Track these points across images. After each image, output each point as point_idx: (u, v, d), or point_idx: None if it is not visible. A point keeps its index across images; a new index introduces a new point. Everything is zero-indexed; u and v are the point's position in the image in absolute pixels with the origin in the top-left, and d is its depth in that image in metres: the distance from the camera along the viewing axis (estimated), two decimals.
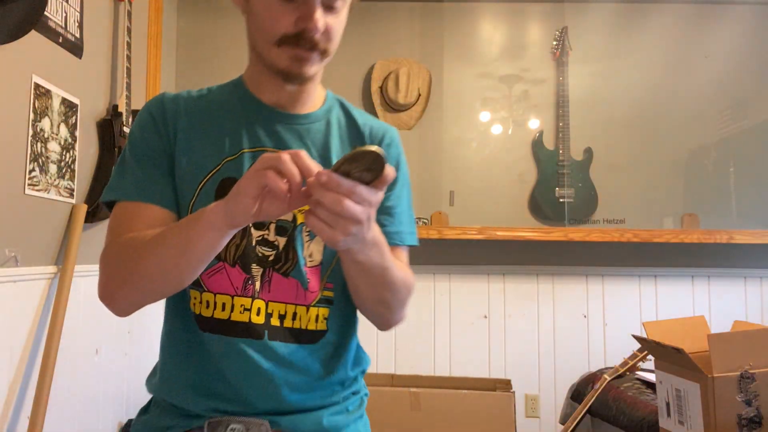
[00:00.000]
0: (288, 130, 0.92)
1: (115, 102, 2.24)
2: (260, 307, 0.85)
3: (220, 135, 0.90)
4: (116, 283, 0.82)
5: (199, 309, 0.86)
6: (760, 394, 1.39)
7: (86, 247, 2.06)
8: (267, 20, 0.85)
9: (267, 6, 0.85)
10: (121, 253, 0.81)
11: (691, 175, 2.84)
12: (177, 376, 0.87)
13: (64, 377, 1.90)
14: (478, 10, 2.91)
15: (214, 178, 0.87)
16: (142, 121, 0.90)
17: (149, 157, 0.88)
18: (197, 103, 0.93)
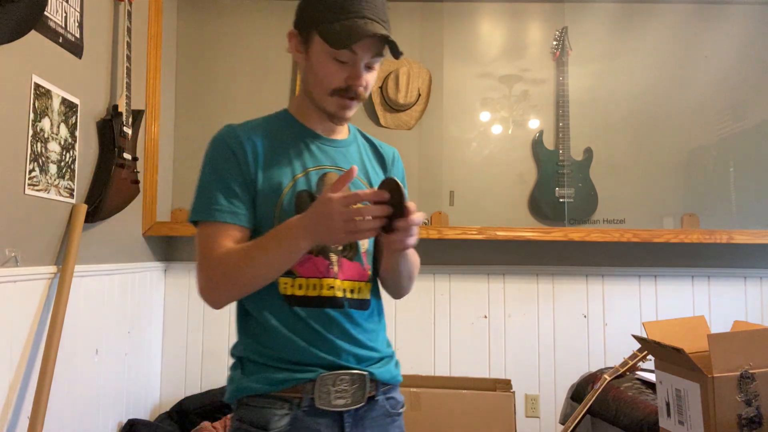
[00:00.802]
0: (335, 152, 1.18)
1: (115, 102, 2.23)
2: (339, 284, 1.11)
3: (287, 157, 1.13)
4: (222, 290, 1.06)
5: (291, 291, 1.09)
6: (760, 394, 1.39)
7: (86, 247, 2.06)
8: (324, 75, 1.10)
9: (324, 64, 1.09)
10: (222, 266, 1.05)
11: (691, 175, 2.84)
12: (283, 341, 1.07)
13: (64, 377, 1.90)
14: (478, 10, 2.91)
15: (291, 192, 1.10)
16: (221, 151, 1.12)
17: (230, 185, 1.09)
18: (260, 132, 1.15)
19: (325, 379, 1.06)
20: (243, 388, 1.08)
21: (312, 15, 1.09)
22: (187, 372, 2.73)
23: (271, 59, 2.89)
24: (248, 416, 1.06)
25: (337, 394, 1.07)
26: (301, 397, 1.05)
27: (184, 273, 2.77)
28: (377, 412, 1.13)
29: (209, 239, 1.07)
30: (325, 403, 1.06)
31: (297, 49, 1.14)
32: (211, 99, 2.88)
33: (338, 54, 1.07)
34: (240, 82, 2.88)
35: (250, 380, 1.08)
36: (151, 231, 2.58)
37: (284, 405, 1.05)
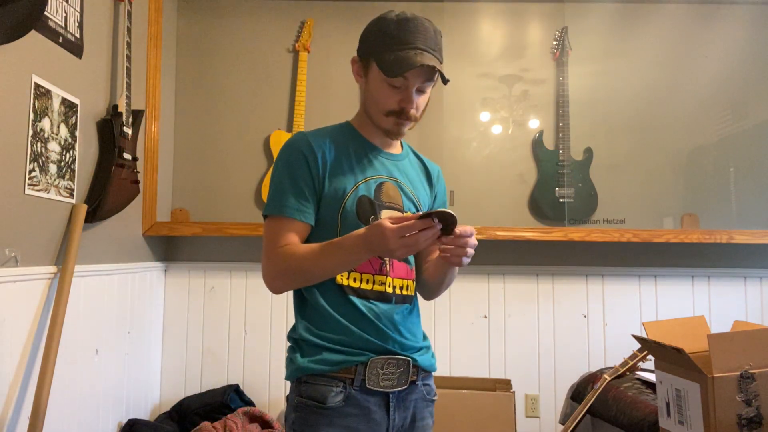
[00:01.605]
0: (390, 164, 1.34)
1: (115, 102, 2.24)
2: (390, 281, 1.26)
3: (351, 165, 1.28)
4: (284, 281, 1.22)
5: (347, 282, 1.23)
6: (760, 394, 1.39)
7: (86, 247, 2.06)
8: (380, 98, 1.26)
9: (380, 89, 1.25)
10: (287, 260, 1.20)
11: (691, 175, 2.84)
12: (340, 327, 1.21)
13: (64, 377, 1.90)
14: (478, 10, 2.91)
15: (353, 196, 1.25)
16: (295, 156, 1.25)
17: (300, 186, 1.23)
18: (328, 140, 1.29)
19: (375, 363, 1.20)
20: (303, 368, 1.21)
21: (371, 45, 1.26)
22: (187, 372, 2.73)
23: (271, 59, 2.89)
24: (308, 392, 1.20)
25: (385, 377, 1.21)
26: (353, 378, 1.20)
27: (184, 273, 2.77)
28: (417, 395, 1.27)
29: (277, 232, 1.22)
30: (374, 383, 1.20)
31: (358, 73, 1.31)
32: (211, 99, 2.88)
33: (392, 81, 1.22)
34: (240, 82, 2.88)
35: (310, 361, 1.20)
36: (151, 231, 2.58)
37: (339, 384, 1.19)
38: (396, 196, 1.31)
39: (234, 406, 2.51)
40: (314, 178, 1.24)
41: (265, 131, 2.85)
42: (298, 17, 2.89)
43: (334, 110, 2.87)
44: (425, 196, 1.40)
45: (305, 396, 1.20)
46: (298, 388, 1.22)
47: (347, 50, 2.94)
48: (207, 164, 2.85)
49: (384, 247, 1.09)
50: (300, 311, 1.28)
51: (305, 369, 1.21)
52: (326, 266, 1.18)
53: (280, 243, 1.21)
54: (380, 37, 1.24)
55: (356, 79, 1.32)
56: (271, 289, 1.23)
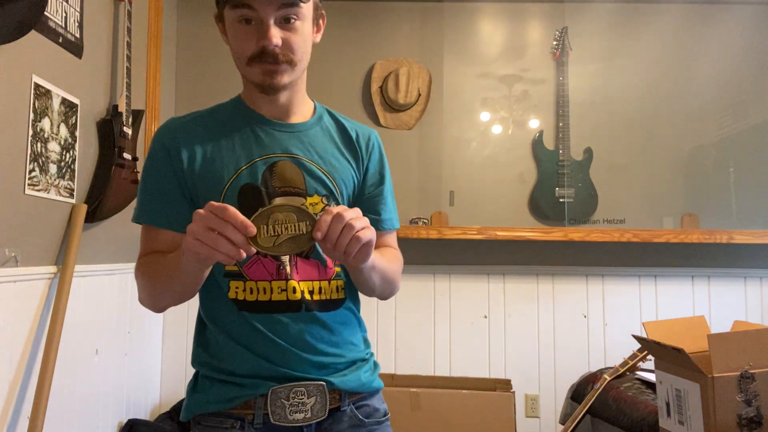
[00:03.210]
0: (287, 138, 1.08)
1: (115, 102, 2.24)
2: (294, 286, 1.00)
3: (232, 147, 1.04)
4: (144, 294, 1.01)
5: (243, 296, 1.00)
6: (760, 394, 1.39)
7: (86, 247, 2.06)
8: (236, 45, 1.02)
9: (234, 33, 1.01)
10: (145, 272, 1.00)
11: (691, 175, 2.84)
12: (231, 352, 1.00)
13: (64, 377, 1.90)
14: (478, 10, 2.91)
15: (233, 186, 1.01)
16: (154, 150, 1.04)
17: (161, 185, 1.02)
18: (206, 121, 1.08)
19: (278, 393, 0.97)
20: (195, 405, 1.01)
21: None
22: (187, 372, 2.73)
23: None
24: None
25: (294, 408, 0.97)
26: (253, 414, 0.97)
27: None
28: (344, 424, 1.03)
29: (142, 242, 1.04)
30: (281, 418, 0.97)
31: (222, 31, 1.06)
32: (211, 99, 2.86)
33: (242, 14, 0.97)
34: (240, 82, 2.87)
35: (203, 397, 1.00)
36: None
37: (236, 423, 0.97)
38: (295, 179, 1.03)
39: None
40: (178, 173, 1.01)
41: None
42: None
43: (334, 110, 2.87)
44: (347, 171, 1.10)
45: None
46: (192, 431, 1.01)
47: (347, 50, 2.96)
48: None
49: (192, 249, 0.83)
50: (196, 335, 1.06)
51: (197, 407, 1.00)
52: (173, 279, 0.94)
53: (144, 252, 1.03)
54: None
55: (225, 41, 1.07)
56: (145, 306, 1.02)
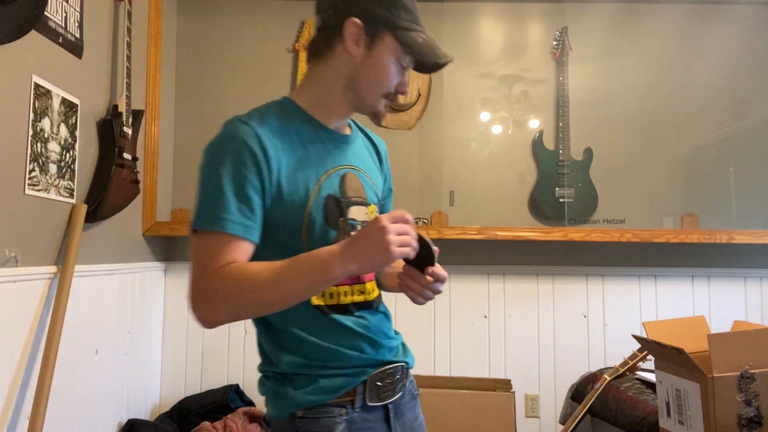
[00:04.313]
0: (347, 149, 1.13)
1: (115, 102, 2.24)
2: (368, 287, 1.12)
3: (310, 158, 1.06)
4: (227, 310, 0.96)
5: (324, 301, 1.06)
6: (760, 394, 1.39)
7: (86, 247, 2.06)
8: (385, 77, 1.08)
9: (388, 67, 1.07)
10: (236, 282, 0.94)
11: (691, 175, 2.84)
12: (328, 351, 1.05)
13: (64, 377, 1.90)
14: (478, 10, 2.91)
15: (318, 196, 1.04)
16: (238, 152, 0.99)
17: (247, 191, 0.98)
18: (280, 129, 1.05)
19: (375, 378, 1.08)
20: (298, 402, 1.04)
21: (384, 14, 1.05)
22: (187, 372, 2.73)
23: (271, 59, 2.89)
24: (308, 427, 1.03)
25: (385, 388, 1.09)
26: (353, 399, 1.06)
27: (184, 273, 2.77)
28: (407, 397, 1.16)
29: (214, 250, 0.96)
30: (375, 399, 1.07)
31: (356, 41, 1.05)
32: (211, 99, 2.88)
33: (403, 61, 1.08)
34: (240, 82, 2.88)
35: (305, 393, 1.04)
36: (151, 231, 2.58)
37: (341, 411, 1.05)
38: (360, 188, 1.11)
39: (234, 406, 2.51)
40: (265, 181, 1.00)
41: None
42: (298, 17, 2.89)
43: None
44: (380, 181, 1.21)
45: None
46: (293, 425, 1.04)
47: None
48: None
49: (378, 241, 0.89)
50: (275, 342, 1.07)
51: (303, 402, 1.03)
52: (300, 288, 0.94)
53: (219, 263, 0.95)
54: (393, 6, 1.06)
55: (349, 47, 1.05)
56: (205, 320, 0.96)
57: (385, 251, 0.90)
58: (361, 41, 1.06)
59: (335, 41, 1.07)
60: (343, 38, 1.06)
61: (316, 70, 1.11)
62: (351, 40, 1.05)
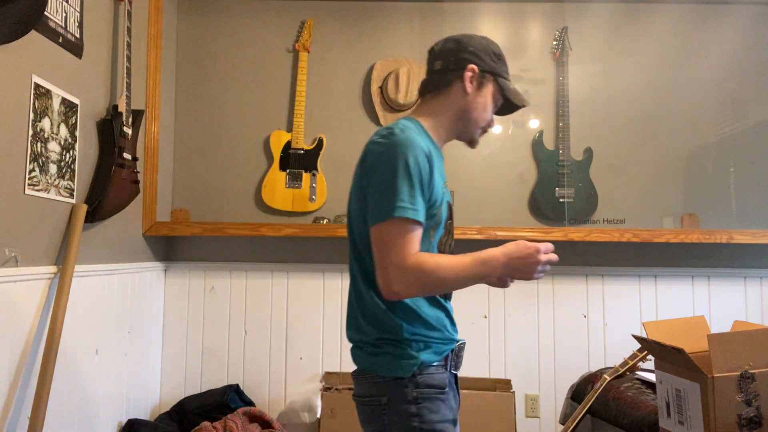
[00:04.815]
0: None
1: (115, 102, 2.24)
2: None
3: (440, 169, 1.34)
4: (416, 290, 1.23)
5: None
6: (760, 394, 1.39)
7: (86, 247, 2.06)
8: (485, 114, 1.41)
9: (488, 106, 1.41)
10: (433, 272, 1.21)
11: (691, 175, 2.84)
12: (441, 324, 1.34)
13: (64, 377, 1.90)
14: (478, 10, 2.91)
15: (444, 204, 1.32)
16: (422, 158, 1.24)
17: (425, 190, 1.24)
18: (429, 142, 1.33)
19: (456, 349, 1.36)
20: (424, 360, 1.28)
21: (490, 64, 1.38)
22: (187, 372, 2.73)
23: (271, 59, 2.89)
24: (427, 382, 1.27)
25: (458, 360, 1.38)
26: (446, 364, 1.33)
27: (184, 273, 2.77)
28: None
29: (409, 236, 1.20)
30: (454, 367, 1.36)
31: (471, 83, 1.37)
32: (211, 99, 2.88)
33: (497, 102, 1.42)
34: (240, 82, 2.88)
35: (425, 354, 1.29)
36: (151, 231, 2.58)
37: (443, 370, 1.32)
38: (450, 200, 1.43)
39: (234, 406, 2.51)
40: (428, 184, 1.26)
41: (265, 131, 2.85)
42: (298, 17, 2.89)
43: (334, 110, 2.87)
44: None
45: (424, 386, 1.27)
46: (414, 381, 1.26)
47: (347, 50, 2.96)
48: (207, 164, 2.85)
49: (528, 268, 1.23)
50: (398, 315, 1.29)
51: (425, 361, 1.28)
52: (465, 283, 1.25)
53: (412, 249, 1.20)
54: (496, 59, 1.39)
55: (465, 86, 1.36)
56: (395, 295, 1.22)
57: (528, 275, 1.24)
58: (474, 84, 1.37)
59: (453, 81, 1.38)
60: (460, 80, 1.37)
61: (433, 102, 1.40)
62: (468, 81, 1.37)
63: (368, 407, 1.30)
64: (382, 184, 1.22)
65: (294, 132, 2.80)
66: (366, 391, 1.31)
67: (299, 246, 2.78)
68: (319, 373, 2.71)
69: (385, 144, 1.25)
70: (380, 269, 1.21)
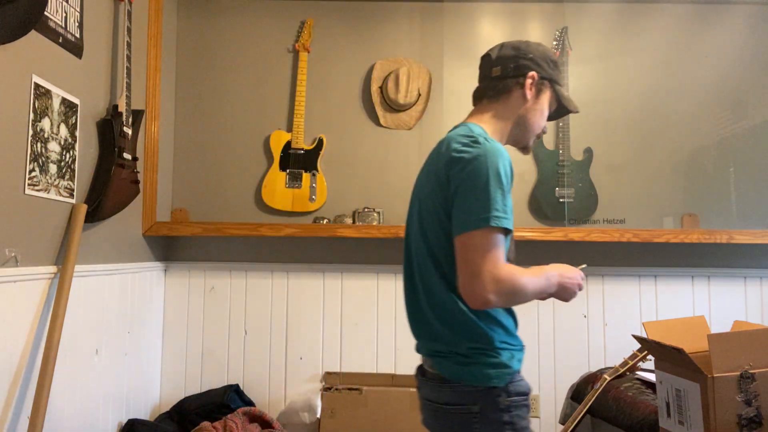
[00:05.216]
0: None
1: (115, 102, 2.24)
2: None
3: None
4: (503, 301, 1.23)
5: None
6: (760, 394, 1.39)
7: (86, 247, 2.06)
8: (541, 121, 1.43)
9: (544, 113, 1.43)
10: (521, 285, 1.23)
11: (691, 175, 2.84)
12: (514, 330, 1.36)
13: (64, 377, 1.90)
14: (478, 10, 2.91)
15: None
16: (509, 168, 1.27)
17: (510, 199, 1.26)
18: None
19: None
20: (516, 369, 1.31)
21: (550, 71, 1.41)
22: (187, 372, 2.73)
23: (271, 59, 2.89)
24: (516, 389, 1.31)
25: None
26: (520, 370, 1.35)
27: (184, 273, 2.77)
28: None
29: (500, 247, 1.22)
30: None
31: (530, 90, 1.39)
32: (211, 99, 2.88)
33: (551, 108, 1.44)
34: (240, 82, 2.88)
35: (516, 362, 1.32)
36: (151, 231, 2.58)
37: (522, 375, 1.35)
38: None
39: (234, 406, 2.51)
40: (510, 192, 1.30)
41: (265, 131, 2.85)
42: (298, 17, 2.89)
43: (334, 110, 2.87)
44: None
45: (515, 394, 1.30)
46: (506, 390, 1.29)
47: (347, 50, 2.95)
48: (207, 164, 2.85)
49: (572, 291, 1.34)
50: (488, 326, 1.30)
51: (515, 369, 1.31)
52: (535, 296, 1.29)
53: (503, 259, 1.22)
54: (554, 67, 1.42)
55: (525, 93, 1.39)
56: (484, 304, 1.22)
57: (569, 297, 1.34)
58: (533, 90, 1.40)
59: (513, 88, 1.39)
60: (520, 87, 1.39)
61: (491, 108, 1.42)
62: (528, 88, 1.39)
63: (457, 415, 1.29)
64: (475, 193, 1.22)
65: (294, 132, 2.80)
66: (454, 399, 1.29)
67: (299, 246, 2.78)
68: (319, 373, 2.71)
69: (474, 152, 1.25)
70: (470, 277, 1.20)
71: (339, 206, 2.82)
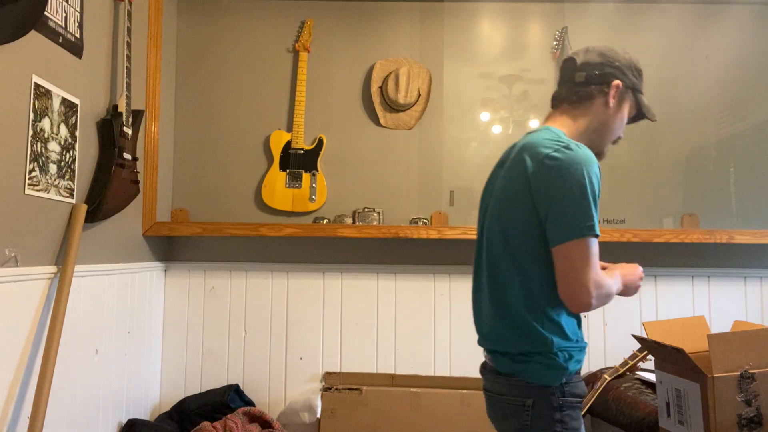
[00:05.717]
0: None
1: (115, 102, 2.24)
2: None
3: None
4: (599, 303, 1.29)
5: None
6: (760, 394, 1.39)
7: (86, 247, 2.06)
8: (619, 128, 1.46)
9: (623, 120, 1.45)
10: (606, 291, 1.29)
11: (691, 175, 2.84)
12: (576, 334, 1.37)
13: (64, 377, 1.90)
14: (478, 10, 2.91)
15: None
16: (598, 177, 1.31)
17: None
18: None
19: None
20: (572, 370, 1.33)
21: (633, 80, 1.42)
22: (187, 372, 2.73)
23: (271, 59, 2.89)
24: (572, 391, 1.32)
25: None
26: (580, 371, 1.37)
27: (184, 273, 2.77)
28: None
29: (596, 254, 1.27)
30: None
31: (614, 98, 1.40)
32: (211, 99, 2.88)
33: (631, 115, 1.45)
34: (240, 82, 2.88)
35: (572, 363, 1.33)
36: (151, 231, 2.58)
37: (581, 377, 1.37)
38: None
39: (234, 406, 2.51)
40: None
41: (265, 131, 2.85)
42: (298, 17, 2.89)
43: (334, 110, 2.87)
44: None
45: (569, 395, 1.32)
46: (561, 389, 1.31)
47: (347, 50, 2.95)
48: (207, 164, 2.85)
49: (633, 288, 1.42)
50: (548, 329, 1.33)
51: (571, 371, 1.33)
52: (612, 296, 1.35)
53: (599, 268, 1.28)
54: (638, 76, 1.43)
55: (608, 101, 1.40)
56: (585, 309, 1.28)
57: (632, 293, 1.42)
58: (616, 98, 1.41)
59: (596, 95, 1.40)
60: (604, 94, 1.40)
61: (572, 113, 1.44)
62: (612, 96, 1.40)
63: (511, 406, 1.33)
64: (574, 202, 1.25)
65: (294, 132, 2.80)
66: (509, 391, 1.34)
67: (299, 246, 2.78)
68: (319, 373, 2.71)
69: (568, 159, 1.27)
70: (575, 284, 1.25)
71: (339, 206, 2.82)
